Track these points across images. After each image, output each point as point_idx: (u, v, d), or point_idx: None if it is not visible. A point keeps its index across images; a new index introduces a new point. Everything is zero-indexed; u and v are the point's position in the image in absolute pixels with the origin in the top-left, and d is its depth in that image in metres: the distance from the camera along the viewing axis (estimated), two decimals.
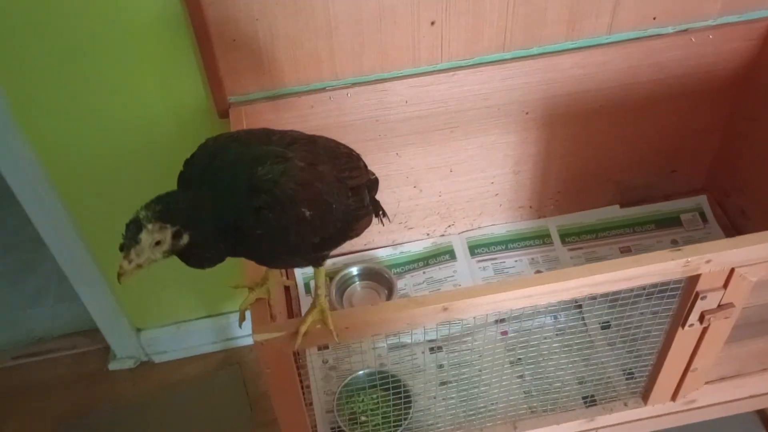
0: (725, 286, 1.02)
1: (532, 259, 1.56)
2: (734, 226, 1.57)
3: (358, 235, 0.94)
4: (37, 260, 1.97)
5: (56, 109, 1.25)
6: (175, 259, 1.70)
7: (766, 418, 1.59)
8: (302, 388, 1.28)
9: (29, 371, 1.80)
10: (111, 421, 1.68)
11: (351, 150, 0.96)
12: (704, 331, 1.09)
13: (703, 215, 1.60)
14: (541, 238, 1.58)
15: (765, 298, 1.09)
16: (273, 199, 0.79)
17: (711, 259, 0.97)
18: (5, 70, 1.19)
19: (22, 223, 1.51)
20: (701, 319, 1.06)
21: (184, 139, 1.33)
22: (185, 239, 0.77)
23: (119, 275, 0.75)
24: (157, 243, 0.75)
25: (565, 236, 1.58)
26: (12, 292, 1.95)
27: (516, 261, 1.56)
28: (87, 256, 1.53)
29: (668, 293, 1.06)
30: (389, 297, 1.50)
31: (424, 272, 1.55)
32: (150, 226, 0.74)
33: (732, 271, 1.00)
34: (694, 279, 1.01)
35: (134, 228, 0.74)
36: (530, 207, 1.57)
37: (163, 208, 0.75)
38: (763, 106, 1.41)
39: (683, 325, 1.07)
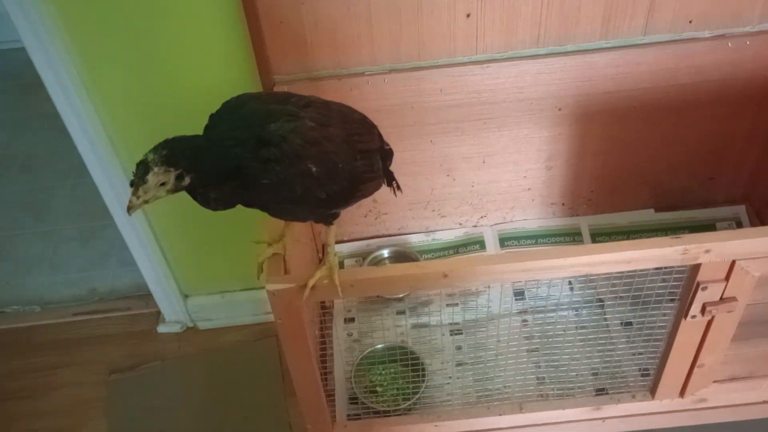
0: (727, 278, 1.03)
1: None
2: None
3: (365, 196, 1.02)
4: (104, 227, 2.13)
5: (122, 78, 1.37)
6: (223, 232, 1.81)
7: None
8: (325, 356, 1.37)
9: (87, 327, 1.95)
10: (157, 376, 1.81)
11: (365, 117, 1.04)
12: (708, 324, 1.11)
13: (740, 225, 1.59)
14: (571, 236, 1.61)
15: None
16: (280, 152, 0.87)
17: (710, 249, 0.99)
18: (80, 43, 1.32)
19: (92, 192, 1.66)
20: (703, 310, 1.07)
21: None
22: (187, 180, 0.86)
23: (128, 208, 0.85)
24: (162, 183, 0.85)
25: (597, 236, 1.60)
26: (80, 254, 2.12)
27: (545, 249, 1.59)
28: (145, 226, 1.65)
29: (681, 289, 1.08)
30: None
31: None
32: (156, 169, 0.84)
33: (733, 263, 1.01)
34: (695, 268, 1.03)
35: (142, 168, 0.84)
36: (563, 204, 1.60)
37: (168, 153, 0.84)
38: None
39: (686, 316, 1.09)
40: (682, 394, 1.25)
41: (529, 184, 1.56)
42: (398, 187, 1.12)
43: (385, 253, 1.60)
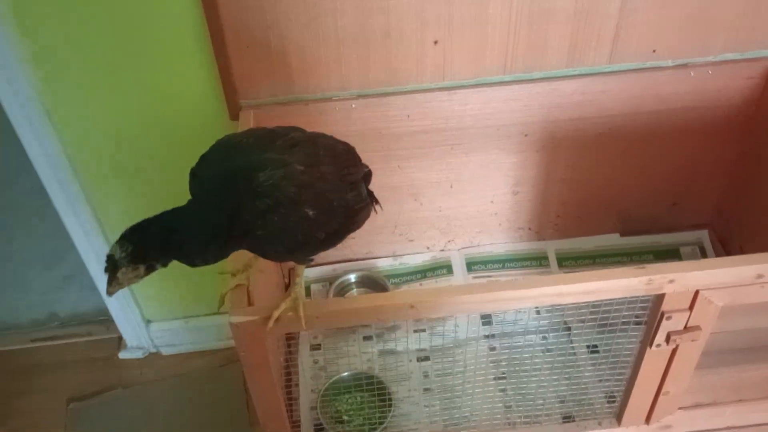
0: (690, 308, 1.04)
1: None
2: None
3: (359, 227, 1.01)
4: (68, 249, 2.08)
5: (83, 101, 1.35)
6: None
7: None
8: (290, 385, 1.35)
9: (46, 353, 1.90)
10: (119, 403, 1.77)
11: (347, 145, 1.03)
12: (673, 353, 1.11)
13: (702, 250, 1.61)
14: (538, 260, 1.62)
15: (733, 325, 1.10)
16: (275, 201, 0.86)
17: (674, 279, 0.99)
18: (42, 65, 1.29)
19: (56, 213, 1.63)
20: (668, 339, 1.08)
21: (198, 137, 1.40)
22: (159, 267, 0.87)
23: (108, 293, 0.86)
24: (135, 275, 0.86)
25: (563, 260, 1.61)
26: (41, 277, 2.06)
27: (511, 280, 1.59)
28: (106, 250, 1.62)
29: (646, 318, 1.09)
30: None
31: (420, 284, 1.59)
32: (123, 268, 0.85)
33: (697, 293, 1.02)
34: (659, 298, 1.03)
35: (111, 265, 0.84)
36: (529, 229, 1.61)
37: (133, 249, 0.84)
38: (765, 146, 1.43)
39: (651, 345, 1.09)
40: (647, 420, 1.25)
41: (496, 209, 1.56)
42: (377, 203, 1.11)
43: (352, 278, 1.58)
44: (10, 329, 1.93)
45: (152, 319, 1.82)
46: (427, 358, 1.47)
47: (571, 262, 1.61)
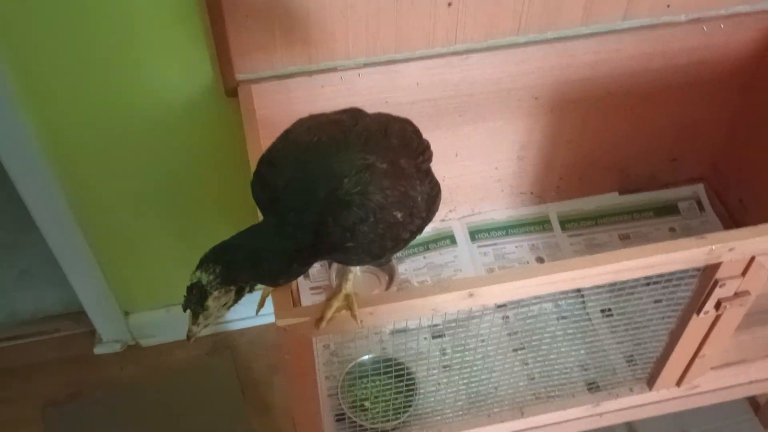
0: (743, 274, 1.02)
1: (533, 245, 1.56)
2: (731, 215, 1.59)
3: (435, 213, 0.94)
4: (22, 241, 1.90)
5: (58, 80, 1.20)
6: (166, 240, 1.66)
7: (755, 402, 1.62)
8: None
9: (11, 355, 1.74)
10: (99, 405, 1.64)
11: (412, 125, 0.94)
12: (717, 318, 1.10)
13: (700, 204, 1.61)
14: (541, 224, 1.58)
15: None
16: (365, 211, 0.77)
17: (734, 247, 0.97)
18: (10, 43, 1.13)
19: (7, 201, 1.45)
20: (717, 306, 1.06)
21: (189, 118, 1.29)
22: (247, 291, 0.78)
23: (188, 338, 0.78)
24: (224, 304, 0.76)
25: (565, 222, 1.58)
26: None
27: (516, 247, 1.55)
28: (79, 237, 1.48)
29: (674, 281, 1.06)
30: (390, 282, 1.49)
31: (424, 257, 1.53)
32: (215, 293, 0.74)
33: (752, 259, 1.00)
34: (713, 267, 1.01)
35: (198, 294, 0.75)
36: (531, 193, 1.57)
37: (222, 270, 0.74)
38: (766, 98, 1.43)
39: (698, 313, 1.08)
40: (679, 383, 1.25)
41: (499, 175, 1.51)
42: None
43: None
44: None
45: (130, 310, 1.69)
46: (441, 334, 1.42)
47: (574, 224, 1.58)
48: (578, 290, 1.47)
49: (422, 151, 0.91)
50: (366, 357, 1.35)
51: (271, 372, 1.68)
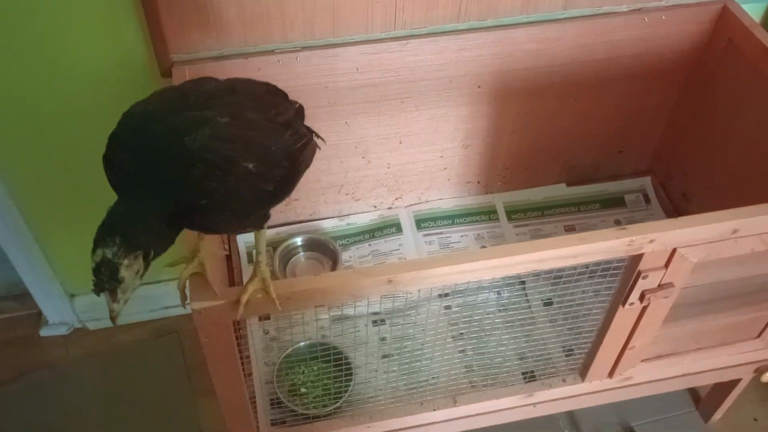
0: (666, 266, 1.03)
1: (478, 234, 1.56)
2: (676, 208, 1.59)
3: (308, 165, 0.93)
4: None
5: None
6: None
7: (696, 395, 1.64)
8: (242, 358, 1.26)
9: None
10: (45, 387, 1.63)
11: (269, 85, 0.94)
12: (643, 310, 1.10)
13: (646, 196, 1.62)
14: (487, 214, 1.58)
15: (702, 279, 1.10)
16: (208, 164, 0.76)
17: (654, 238, 0.97)
18: None
19: None
20: (641, 298, 1.07)
21: (126, 97, 1.26)
22: (152, 254, 0.75)
23: (112, 318, 0.74)
24: (137, 272, 0.74)
25: (512, 213, 1.58)
26: None
27: (462, 236, 1.55)
28: (19, 218, 1.46)
29: (611, 272, 1.07)
30: (333, 268, 1.48)
31: (369, 245, 1.53)
32: (125, 261, 0.72)
33: (674, 251, 1.01)
34: (636, 258, 1.01)
35: (108, 270, 0.72)
36: (478, 182, 1.56)
37: (121, 239, 0.71)
38: (708, 90, 1.43)
39: (624, 304, 1.08)
40: (611, 375, 1.26)
41: (445, 164, 1.51)
42: (319, 137, 1.02)
43: (298, 241, 1.50)
44: None
45: (76, 292, 1.67)
46: (382, 322, 1.42)
47: (520, 214, 1.58)
48: (521, 280, 1.47)
49: (275, 104, 0.90)
50: (303, 343, 1.35)
51: None
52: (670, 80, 1.45)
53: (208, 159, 0.76)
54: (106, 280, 0.72)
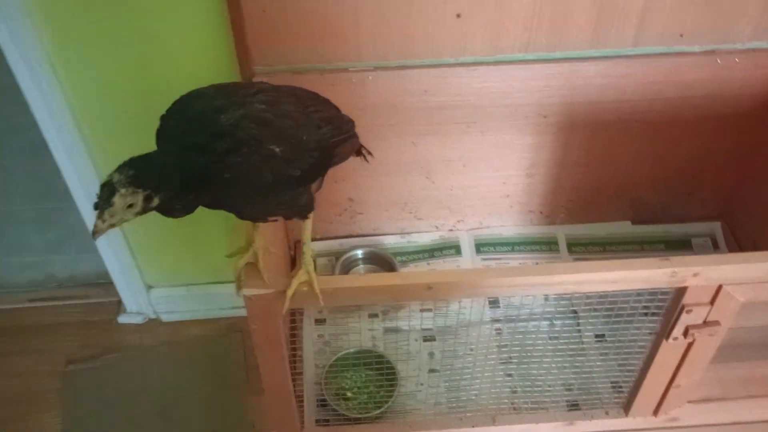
0: (712, 302, 1.02)
1: (536, 263, 1.57)
2: None
3: (344, 159, 1.00)
4: (64, 210, 2.04)
5: (93, 61, 1.31)
6: (190, 223, 1.76)
7: None
8: (294, 357, 1.33)
9: (43, 314, 1.87)
10: (115, 368, 1.75)
11: (317, 94, 1.01)
12: (689, 346, 1.10)
13: (715, 242, 1.59)
14: (548, 245, 1.59)
15: (754, 321, 1.09)
16: (236, 141, 0.83)
17: (698, 272, 0.97)
18: (47, 16, 1.25)
19: (53, 173, 1.58)
20: (686, 333, 1.06)
21: None
22: (156, 201, 0.81)
23: (93, 232, 0.80)
24: (130, 206, 0.79)
25: (573, 245, 1.59)
26: (37, 237, 2.03)
27: (520, 263, 1.57)
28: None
29: (663, 311, 1.07)
30: None
31: (428, 263, 1.57)
32: (123, 191, 0.78)
33: (719, 287, 1.00)
34: (681, 291, 1.01)
35: (107, 190, 0.78)
36: (540, 212, 1.58)
37: (135, 174, 0.78)
38: None
39: (667, 338, 1.08)
40: (656, 413, 1.24)
41: (508, 191, 1.54)
42: (369, 153, 1.09)
43: (359, 253, 1.56)
44: (7, 289, 1.90)
45: (153, 284, 1.79)
46: (433, 338, 1.46)
47: (581, 248, 1.59)
48: (574, 312, 1.48)
49: (314, 104, 0.96)
50: (352, 349, 1.40)
51: None
52: (744, 123, 1.44)
53: (237, 135, 0.83)
54: (102, 198, 0.79)
